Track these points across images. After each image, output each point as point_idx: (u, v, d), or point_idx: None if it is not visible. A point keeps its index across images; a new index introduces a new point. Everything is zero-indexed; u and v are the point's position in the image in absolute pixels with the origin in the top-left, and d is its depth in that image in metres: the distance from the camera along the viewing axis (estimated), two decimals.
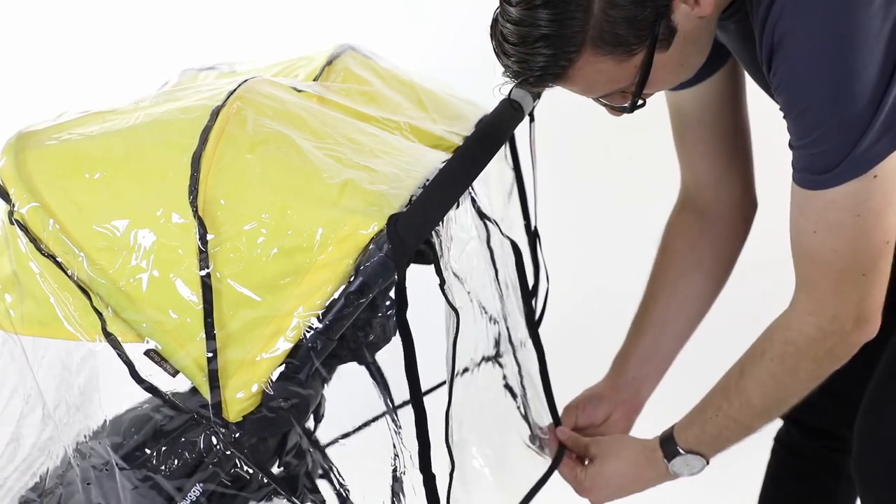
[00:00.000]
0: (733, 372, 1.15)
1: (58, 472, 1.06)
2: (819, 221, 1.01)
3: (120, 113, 1.06)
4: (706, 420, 1.17)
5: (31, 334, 1.01)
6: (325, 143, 1.02)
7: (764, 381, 1.11)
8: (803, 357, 1.08)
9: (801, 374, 1.10)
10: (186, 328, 0.97)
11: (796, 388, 1.12)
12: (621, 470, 1.24)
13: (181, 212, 0.96)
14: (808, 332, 1.06)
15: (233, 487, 1.04)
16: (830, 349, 1.07)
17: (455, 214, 1.17)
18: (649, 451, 1.22)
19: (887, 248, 1.02)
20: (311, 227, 0.97)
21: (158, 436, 1.05)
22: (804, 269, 1.05)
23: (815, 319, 1.06)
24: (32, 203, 0.98)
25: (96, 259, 0.98)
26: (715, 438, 1.17)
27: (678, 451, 1.19)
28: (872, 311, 1.05)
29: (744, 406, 1.14)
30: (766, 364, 1.10)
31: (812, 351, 1.07)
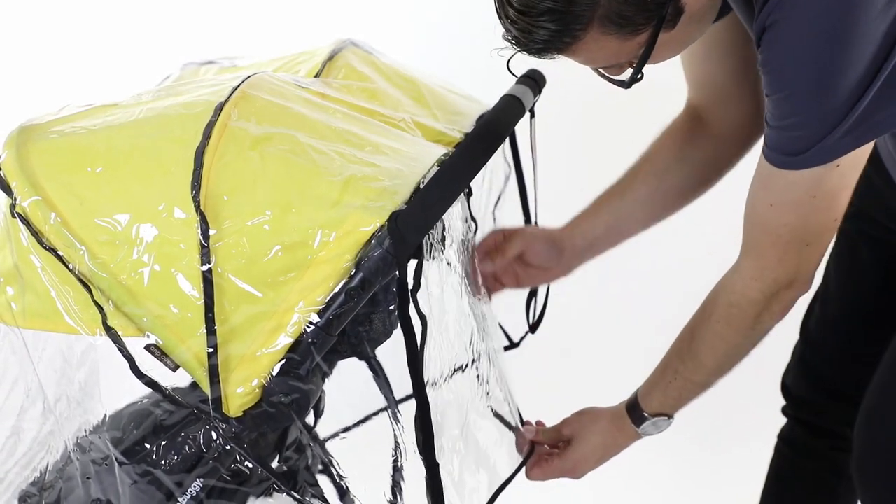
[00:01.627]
0: (685, 335, 1.20)
1: (58, 467, 1.06)
2: (778, 197, 1.06)
3: (122, 107, 1.06)
4: (666, 384, 1.22)
5: (32, 327, 1.01)
6: (328, 140, 1.02)
7: (713, 342, 1.16)
8: (746, 317, 1.14)
9: (746, 332, 1.15)
10: (187, 323, 0.97)
11: (743, 345, 1.17)
12: (597, 444, 1.29)
13: (183, 206, 0.96)
14: (751, 295, 1.12)
15: (233, 482, 1.04)
16: (769, 308, 1.13)
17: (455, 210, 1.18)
18: (618, 419, 1.27)
19: (834, 224, 1.09)
20: (313, 223, 0.97)
21: (158, 431, 1.05)
22: (754, 236, 1.10)
23: (758, 284, 1.11)
24: (34, 196, 0.98)
25: (98, 253, 0.98)
26: (677, 399, 1.22)
27: (644, 416, 1.24)
28: (809, 274, 1.12)
29: (698, 367, 1.19)
30: (713, 326, 1.16)
31: (753, 311, 1.13)
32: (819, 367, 1.50)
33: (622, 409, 1.27)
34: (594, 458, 1.30)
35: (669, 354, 1.22)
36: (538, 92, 1.24)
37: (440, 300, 1.15)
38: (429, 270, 1.13)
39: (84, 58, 2.25)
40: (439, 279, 1.15)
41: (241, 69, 1.24)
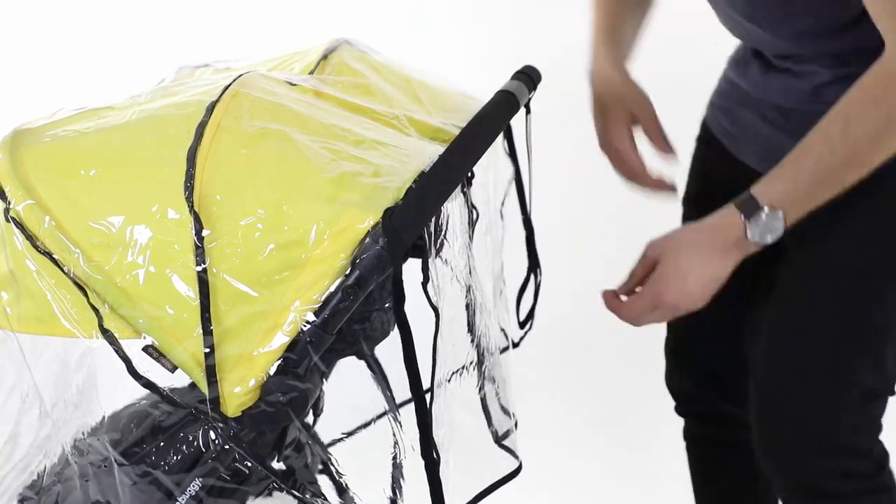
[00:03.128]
0: (834, 121, 1.11)
1: (55, 470, 1.06)
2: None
3: (115, 109, 1.06)
4: (801, 171, 1.11)
5: (28, 332, 1.01)
6: (321, 137, 1.02)
7: (876, 127, 1.09)
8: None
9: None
10: (183, 324, 0.97)
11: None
12: (690, 256, 1.13)
13: (177, 207, 0.96)
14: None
15: (232, 482, 1.04)
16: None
17: (451, 206, 1.18)
18: (720, 218, 1.14)
19: None
20: (307, 221, 0.97)
21: (157, 431, 1.05)
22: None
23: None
24: (28, 201, 0.98)
25: (92, 256, 0.98)
26: (807, 194, 1.11)
27: (761, 207, 1.11)
28: None
29: (851, 155, 1.09)
30: (880, 110, 1.08)
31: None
32: (689, 355, 1.51)
33: (728, 207, 1.13)
34: (691, 276, 1.13)
35: (809, 143, 1.12)
36: (533, 88, 1.24)
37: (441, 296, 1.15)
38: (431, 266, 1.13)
39: (79, 62, 2.26)
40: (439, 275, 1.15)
41: (235, 70, 1.24)
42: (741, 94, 1.36)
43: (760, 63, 1.33)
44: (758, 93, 1.33)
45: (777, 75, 1.30)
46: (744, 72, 1.36)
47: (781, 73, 1.29)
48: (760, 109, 1.33)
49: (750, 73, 1.35)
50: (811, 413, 1.28)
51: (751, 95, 1.34)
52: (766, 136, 1.32)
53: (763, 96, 1.32)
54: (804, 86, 1.25)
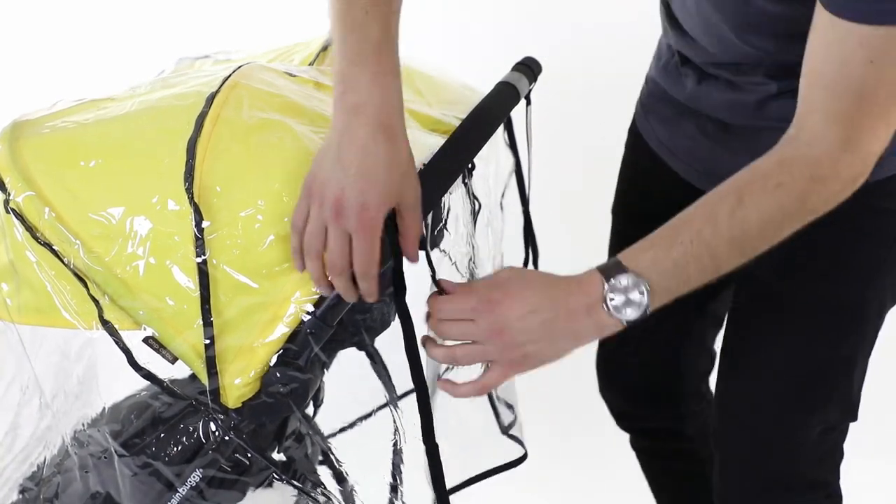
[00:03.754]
0: (724, 199, 0.97)
1: (55, 461, 1.06)
2: (881, 53, 0.90)
3: (115, 101, 1.06)
4: (675, 244, 0.96)
5: (28, 323, 1.01)
6: (321, 128, 1.02)
7: (771, 213, 0.96)
8: (825, 192, 0.97)
9: (813, 208, 0.98)
10: (184, 315, 0.97)
11: (801, 221, 0.98)
12: (537, 284, 0.97)
13: (177, 198, 0.96)
14: (841, 170, 0.96)
15: (233, 473, 1.04)
16: (853, 184, 0.98)
17: (452, 197, 1.18)
18: (579, 274, 0.97)
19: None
20: None
21: (157, 422, 1.05)
22: (845, 102, 0.94)
23: (849, 156, 0.95)
24: (28, 192, 0.98)
25: (92, 247, 0.98)
26: (677, 269, 0.95)
27: (623, 268, 0.95)
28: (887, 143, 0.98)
29: (734, 238, 0.96)
30: (779, 197, 0.96)
31: (839, 186, 0.97)
32: (617, 374, 1.50)
33: (587, 271, 0.97)
34: (531, 304, 0.94)
35: (691, 218, 0.98)
36: (533, 79, 1.24)
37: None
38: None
39: (79, 53, 2.26)
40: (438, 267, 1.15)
41: (235, 62, 1.24)
42: (675, 102, 1.27)
43: (692, 71, 1.22)
44: (694, 104, 1.23)
45: (715, 86, 1.19)
46: (675, 80, 1.26)
47: (720, 83, 1.18)
48: (700, 123, 1.23)
49: (682, 82, 1.24)
50: (774, 450, 1.26)
51: (686, 106, 1.24)
52: (707, 153, 1.23)
53: (701, 108, 1.22)
54: (747, 99, 1.15)
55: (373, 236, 0.92)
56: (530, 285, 0.96)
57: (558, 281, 0.97)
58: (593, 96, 1.73)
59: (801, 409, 1.24)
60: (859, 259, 1.17)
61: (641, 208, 1.35)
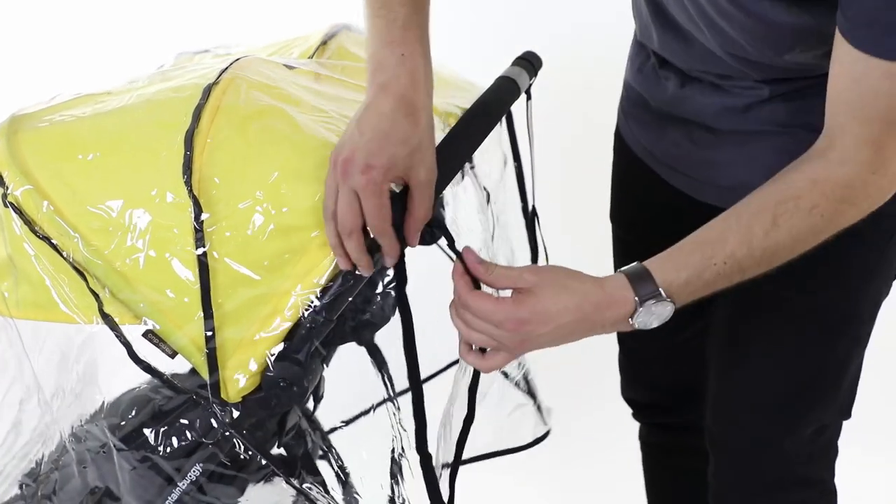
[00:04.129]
0: (759, 219, 0.97)
1: (53, 458, 1.06)
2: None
3: (113, 94, 1.05)
4: (709, 265, 0.97)
5: (27, 318, 1.00)
6: (320, 120, 1.02)
7: (803, 234, 0.98)
8: (854, 212, 0.99)
9: (840, 226, 1.00)
10: (184, 308, 0.97)
11: (826, 236, 1.00)
12: (568, 304, 0.95)
13: (176, 191, 0.96)
14: (871, 191, 0.98)
15: (232, 468, 1.04)
16: (880, 201, 1.00)
17: (451, 193, 1.17)
18: (611, 287, 0.97)
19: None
20: (306, 204, 0.97)
21: (157, 416, 1.04)
22: (874, 128, 0.95)
23: (879, 178, 0.97)
24: (26, 185, 0.97)
25: (91, 240, 0.97)
26: (706, 285, 0.98)
27: (658, 293, 0.96)
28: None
29: (765, 257, 0.98)
30: (812, 219, 0.97)
31: (865, 206, 0.99)
32: (646, 373, 1.49)
33: (621, 278, 0.97)
34: (558, 323, 0.95)
35: (725, 236, 0.97)
36: (534, 74, 1.23)
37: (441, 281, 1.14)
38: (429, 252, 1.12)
39: (77, 48, 2.25)
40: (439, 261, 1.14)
41: (234, 56, 1.23)
42: (656, 108, 1.23)
43: (674, 74, 1.19)
44: (677, 108, 1.19)
45: (699, 89, 1.16)
46: (654, 84, 1.22)
47: (704, 86, 1.15)
48: (686, 129, 1.19)
49: (663, 85, 1.20)
50: (768, 450, 1.26)
51: (670, 113, 1.21)
52: (697, 160, 1.19)
53: (684, 113, 1.18)
54: (735, 102, 1.13)
55: (377, 193, 0.93)
56: (561, 299, 0.96)
57: (591, 294, 0.96)
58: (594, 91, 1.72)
59: (795, 410, 1.24)
60: (852, 262, 1.17)
61: (638, 216, 1.34)
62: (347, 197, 0.93)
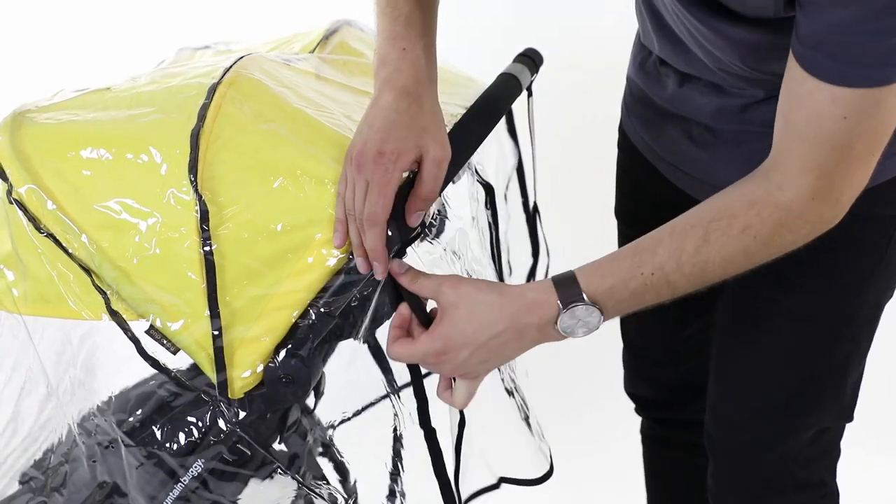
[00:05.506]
0: (690, 235, 0.96)
1: (62, 450, 1.06)
2: (855, 110, 0.90)
3: (116, 91, 1.05)
4: (636, 275, 0.96)
5: (33, 313, 1.00)
6: (323, 117, 1.02)
7: (734, 255, 0.97)
8: (795, 237, 0.97)
9: (780, 250, 0.98)
10: (189, 307, 0.97)
11: (764, 259, 0.99)
12: (486, 317, 0.95)
13: (181, 189, 0.96)
14: (810, 217, 0.96)
15: (234, 464, 1.04)
16: (816, 229, 0.97)
17: (454, 190, 1.17)
18: (534, 292, 0.95)
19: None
20: (310, 203, 0.97)
21: (163, 412, 1.05)
22: (819, 153, 0.93)
23: (819, 205, 0.95)
24: (30, 183, 0.97)
25: (97, 238, 0.97)
26: (633, 295, 0.96)
27: (581, 296, 0.94)
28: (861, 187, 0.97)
29: (694, 273, 0.96)
30: (744, 240, 0.96)
31: (805, 231, 0.97)
32: (650, 369, 1.49)
33: (546, 283, 0.96)
34: (480, 341, 0.95)
35: (654, 248, 0.97)
36: (535, 70, 1.24)
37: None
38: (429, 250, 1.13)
39: (80, 43, 2.25)
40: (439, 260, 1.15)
41: (236, 52, 1.23)
42: (657, 105, 1.23)
43: (673, 72, 1.18)
44: (677, 107, 1.19)
45: (697, 88, 1.15)
46: (655, 80, 1.22)
47: (703, 85, 1.15)
48: (685, 127, 1.19)
49: (663, 83, 1.21)
50: (767, 453, 1.26)
51: (668, 109, 1.20)
52: (695, 158, 1.19)
53: (683, 111, 1.18)
54: (732, 103, 1.12)
55: (386, 181, 0.94)
56: (476, 316, 0.95)
57: (510, 304, 0.96)
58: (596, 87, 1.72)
59: (794, 414, 1.24)
60: (850, 267, 1.17)
61: (642, 212, 1.33)
62: (363, 190, 0.94)
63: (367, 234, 0.95)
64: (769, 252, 0.98)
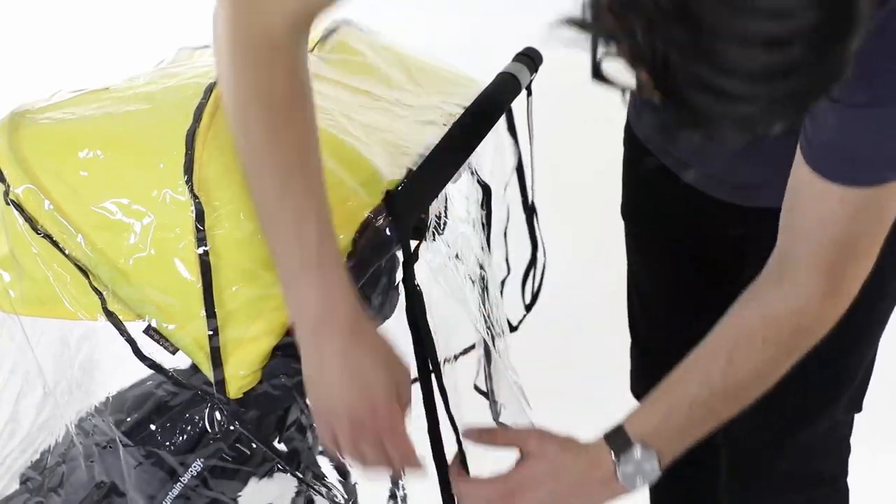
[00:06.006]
0: (714, 360, 1.00)
1: (59, 450, 1.07)
2: (862, 208, 0.91)
3: (114, 92, 1.05)
4: (674, 411, 1.00)
5: (30, 314, 1.01)
6: (320, 119, 1.02)
7: (761, 368, 1.00)
8: (810, 338, 1.00)
9: (801, 351, 1.01)
10: (186, 307, 0.97)
11: (792, 362, 1.02)
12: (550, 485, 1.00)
13: (177, 190, 0.96)
14: (825, 315, 0.98)
15: (235, 462, 1.05)
16: (835, 320, 0.99)
17: (454, 190, 1.17)
18: (593, 449, 1.01)
19: None
20: None
21: (161, 411, 1.05)
22: (827, 253, 0.94)
23: (831, 300, 0.97)
24: (27, 184, 0.98)
25: (93, 239, 0.97)
26: (681, 432, 1.01)
27: (630, 441, 0.99)
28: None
29: (730, 394, 1.00)
30: (768, 351, 0.99)
31: (823, 331, 0.99)
32: (658, 366, 1.48)
33: (596, 442, 1.01)
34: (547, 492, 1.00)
35: (686, 381, 1.01)
36: (535, 70, 1.23)
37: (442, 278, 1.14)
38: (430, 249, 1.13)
39: (78, 43, 2.25)
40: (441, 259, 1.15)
41: None
42: None
43: None
44: None
45: None
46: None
47: None
48: None
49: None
50: (781, 449, 1.26)
51: None
52: (712, 154, 1.13)
53: None
54: None
55: (395, 432, 0.97)
56: (549, 478, 1.00)
57: (573, 464, 1.01)
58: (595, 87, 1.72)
59: (809, 411, 1.24)
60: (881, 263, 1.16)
61: (650, 210, 1.32)
62: (373, 450, 0.97)
63: (409, 468, 0.99)
64: (793, 358, 1.00)
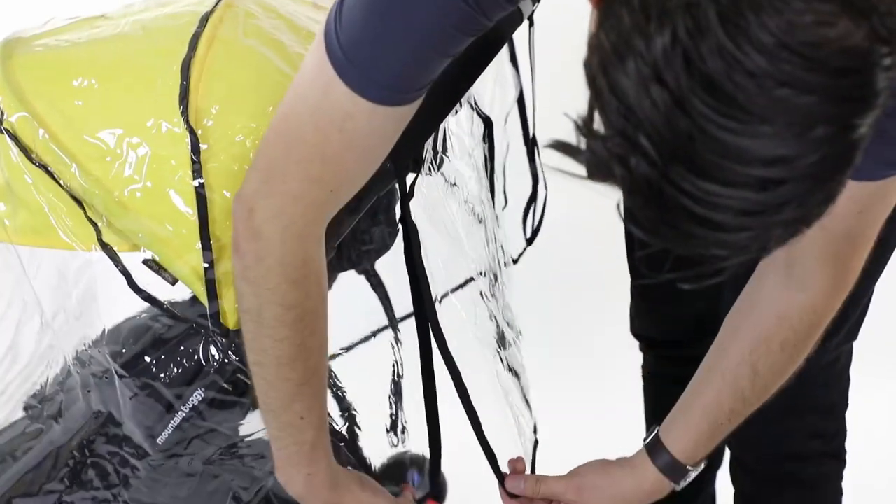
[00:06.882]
0: (742, 373, 1.04)
1: (58, 380, 1.08)
2: (868, 202, 0.93)
3: (109, 19, 1.03)
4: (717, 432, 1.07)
5: (26, 244, 1.00)
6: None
7: (781, 369, 1.04)
8: (821, 331, 1.03)
9: (816, 341, 1.04)
10: (182, 239, 0.97)
11: (809, 352, 1.05)
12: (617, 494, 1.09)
13: (172, 121, 0.95)
14: (833, 307, 1.01)
15: (233, 394, 1.05)
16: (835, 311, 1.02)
17: (455, 120, 1.16)
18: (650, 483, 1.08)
19: None
20: None
21: (157, 344, 1.06)
22: (836, 246, 0.96)
23: (838, 293, 1.00)
24: (21, 112, 0.97)
25: (89, 169, 0.96)
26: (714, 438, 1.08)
27: (685, 468, 1.08)
28: None
29: (760, 396, 1.05)
30: (786, 353, 1.03)
31: (828, 321, 1.03)
32: (658, 307, 1.47)
33: (653, 475, 1.08)
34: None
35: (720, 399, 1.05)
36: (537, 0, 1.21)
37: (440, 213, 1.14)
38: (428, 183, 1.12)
39: None
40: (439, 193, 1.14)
41: None
42: None
43: None
44: None
45: None
46: None
47: None
48: None
49: None
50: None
51: None
52: None
53: None
54: None
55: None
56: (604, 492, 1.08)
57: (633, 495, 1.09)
58: None
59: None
60: None
61: None
62: None
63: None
64: (807, 351, 1.04)
